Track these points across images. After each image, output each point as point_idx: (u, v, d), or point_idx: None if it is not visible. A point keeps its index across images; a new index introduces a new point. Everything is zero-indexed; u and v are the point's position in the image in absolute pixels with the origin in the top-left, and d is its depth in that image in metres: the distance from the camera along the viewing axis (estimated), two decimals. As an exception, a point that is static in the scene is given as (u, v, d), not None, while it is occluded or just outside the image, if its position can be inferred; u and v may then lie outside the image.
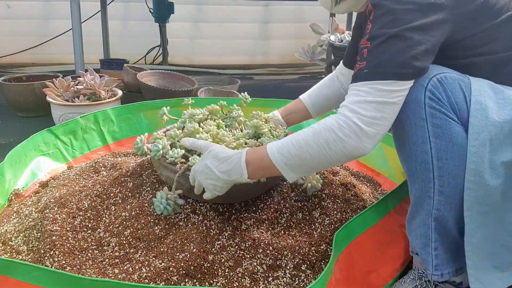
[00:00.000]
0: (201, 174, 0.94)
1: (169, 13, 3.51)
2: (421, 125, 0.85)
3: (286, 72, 4.05)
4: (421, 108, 0.85)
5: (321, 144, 0.83)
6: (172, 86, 2.43)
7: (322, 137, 0.83)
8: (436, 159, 0.86)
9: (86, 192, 1.20)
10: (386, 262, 1.04)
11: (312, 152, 0.85)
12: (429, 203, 0.90)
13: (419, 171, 0.89)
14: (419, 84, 0.85)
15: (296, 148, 0.86)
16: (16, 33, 3.65)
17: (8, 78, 2.29)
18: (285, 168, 0.88)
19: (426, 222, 0.91)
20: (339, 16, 3.63)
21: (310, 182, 1.15)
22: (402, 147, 0.92)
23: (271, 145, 0.89)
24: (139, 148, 1.14)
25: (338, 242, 0.95)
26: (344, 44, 2.32)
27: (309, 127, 0.87)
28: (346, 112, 0.83)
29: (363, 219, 1.03)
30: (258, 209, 1.13)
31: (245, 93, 1.41)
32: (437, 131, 0.85)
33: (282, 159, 0.87)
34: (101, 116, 1.66)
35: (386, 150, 1.50)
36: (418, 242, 0.95)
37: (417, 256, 0.99)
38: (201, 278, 0.94)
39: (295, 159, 0.86)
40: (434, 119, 0.84)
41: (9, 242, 1.07)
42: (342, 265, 0.94)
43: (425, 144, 0.86)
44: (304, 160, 0.86)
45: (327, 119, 0.86)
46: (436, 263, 0.93)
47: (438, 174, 0.86)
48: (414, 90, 0.85)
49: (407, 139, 0.88)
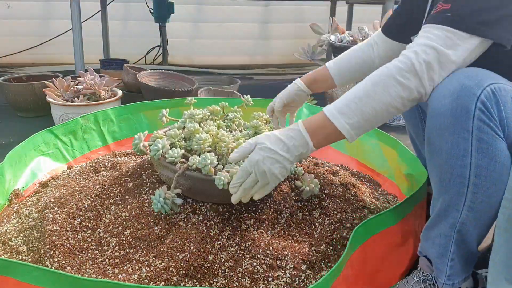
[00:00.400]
0: (265, 161, 0.86)
1: (169, 13, 3.51)
2: (465, 137, 0.79)
3: (286, 72, 4.05)
4: (469, 119, 0.77)
5: (381, 93, 0.79)
6: (172, 86, 2.43)
7: (382, 84, 0.80)
8: (474, 176, 0.80)
9: (86, 192, 1.20)
10: (394, 263, 1.04)
11: (374, 103, 0.81)
12: (455, 216, 0.86)
13: (452, 183, 0.83)
14: (471, 92, 0.77)
15: (357, 102, 0.82)
16: (16, 33, 3.65)
17: (8, 78, 2.29)
18: (347, 128, 0.83)
19: (448, 234, 0.89)
20: (339, 16, 3.63)
21: (308, 185, 1.15)
22: (436, 155, 0.85)
23: (328, 108, 0.85)
24: (136, 145, 1.14)
25: (355, 238, 0.94)
26: (344, 44, 2.32)
27: (367, 78, 0.84)
28: (408, 53, 0.80)
29: (383, 219, 1.02)
30: (258, 209, 1.13)
31: (247, 96, 1.40)
32: (481, 147, 0.78)
33: (344, 119, 0.83)
34: (101, 116, 1.66)
35: (384, 149, 1.50)
36: (434, 251, 0.93)
37: (424, 258, 0.98)
38: (201, 278, 0.94)
39: (357, 115, 0.82)
40: (480, 133, 0.78)
41: (9, 242, 1.07)
42: (354, 262, 0.94)
43: (465, 158, 0.80)
44: (366, 114, 0.82)
45: (387, 64, 0.82)
46: (450, 273, 0.91)
47: (473, 191, 0.81)
48: (464, 96, 0.77)
49: (445, 148, 0.82)
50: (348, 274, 0.91)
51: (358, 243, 0.96)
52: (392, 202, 1.34)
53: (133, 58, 3.83)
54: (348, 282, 0.91)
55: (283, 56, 4.20)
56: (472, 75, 0.79)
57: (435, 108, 0.82)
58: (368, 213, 1.22)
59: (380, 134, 1.53)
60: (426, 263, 0.97)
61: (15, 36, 3.65)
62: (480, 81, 0.78)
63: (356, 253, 0.95)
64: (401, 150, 1.41)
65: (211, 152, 1.07)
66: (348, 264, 0.91)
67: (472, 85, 0.77)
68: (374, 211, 1.24)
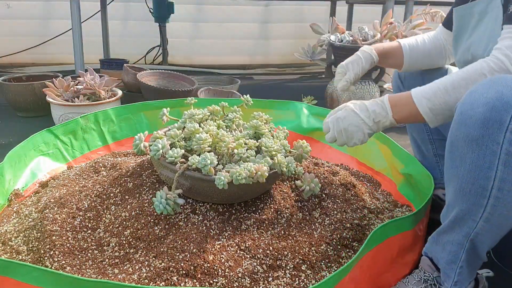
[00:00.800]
0: (345, 120, 0.94)
1: (169, 13, 3.51)
2: (493, 149, 0.76)
3: (286, 72, 4.05)
4: (501, 131, 0.74)
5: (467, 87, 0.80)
6: (172, 86, 2.43)
7: (472, 81, 0.80)
8: (497, 189, 0.78)
9: (86, 192, 1.20)
10: (400, 266, 1.04)
11: (460, 96, 0.81)
12: (470, 226, 0.85)
13: (472, 194, 0.81)
14: (508, 103, 0.73)
15: (443, 92, 0.84)
16: (16, 33, 3.65)
17: (8, 78, 2.29)
18: (429, 113, 0.87)
19: (461, 242, 0.88)
20: (339, 16, 3.63)
21: (308, 185, 1.14)
22: (459, 163, 0.82)
23: (415, 90, 0.89)
24: (136, 145, 1.14)
25: (372, 239, 0.94)
26: (344, 44, 2.31)
27: (457, 72, 0.85)
28: (499, 55, 0.80)
29: (402, 223, 1.02)
30: (258, 209, 1.13)
31: (247, 96, 1.40)
32: (509, 161, 0.76)
33: (427, 104, 0.86)
34: (102, 116, 1.66)
35: (381, 147, 1.51)
36: (444, 256, 0.92)
37: (427, 259, 0.98)
38: (201, 278, 0.94)
39: (441, 103, 0.85)
40: (511, 147, 0.75)
41: (9, 242, 1.07)
42: (364, 263, 0.93)
43: (490, 170, 0.78)
44: (450, 105, 0.84)
45: (477, 62, 0.83)
46: (457, 279, 0.91)
47: (493, 204, 0.80)
48: (500, 109, 0.74)
49: (470, 159, 0.79)
50: (356, 275, 0.91)
51: (373, 244, 0.96)
52: (393, 202, 1.34)
53: (133, 58, 3.83)
54: (355, 282, 0.91)
55: (283, 56, 4.20)
56: (511, 85, 0.76)
57: (466, 115, 0.79)
58: (368, 213, 1.22)
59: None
60: (428, 263, 0.97)
61: (15, 36, 3.65)
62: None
63: (369, 254, 0.95)
64: (393, 148, 1.41)
65: (211, 152, 1.07)
66: (358, 265, 0.91)
67: (510, 96, 0.74)
68: (374, 211, 1.24)
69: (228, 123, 1.28)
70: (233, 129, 1.27)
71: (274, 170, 1.07)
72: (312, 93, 2.53)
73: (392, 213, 1.26)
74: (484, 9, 1.01)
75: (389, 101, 0.94)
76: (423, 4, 2.88)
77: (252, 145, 1.12)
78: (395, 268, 1.03)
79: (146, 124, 1.75)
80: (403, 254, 1.05)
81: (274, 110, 1.80)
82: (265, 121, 1.28)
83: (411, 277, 0.99)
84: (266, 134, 1.19)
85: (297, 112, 1.79)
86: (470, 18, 1.07)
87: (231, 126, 1.28)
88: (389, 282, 1.01)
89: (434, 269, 0.96)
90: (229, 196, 1.07)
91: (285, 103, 1.83)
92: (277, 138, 1.20)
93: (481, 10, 1.02)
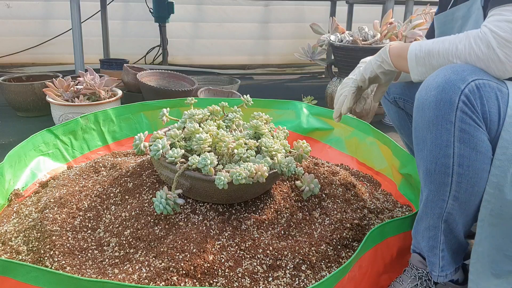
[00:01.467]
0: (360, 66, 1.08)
1: (169, 13, 3.51)
2: (447, 128, 0.83)
3: (286, 72, 4.05)
4: (452, 111, 0.82)
5: (453, 44, 0.86)
6: (172, 86, 2.43)
7: (458, 39, 0.86)
8: (458, 165, 0.84)
9: (86, 192, 1.20)
10: (400, 266, 1.04)
11: (441, 48, 0.88)
12: (441, 207, 0.88)
13: (437, 173, 0.86)
14: (455, 86, 0.81)
15: (431, 43, 0.90)
16: (16, 33, 3.65)
17: (8, 78, 2.29)
18: (413, 59, 0.92)
19: (437, 224, 0.91)
20: (339, 16, 3.63)
21: (308, 185, 1.15)
22: (422, 146, 0.89)
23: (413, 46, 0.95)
24: (136, 145, 1.14)
25: (370, 239, 0.95)
26: (344, 44, 2.31)
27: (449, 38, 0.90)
28: (484, 28, 0.84)
29: (400, 224, 1.03)
30: (258, 209, 1.13)
31: (247, 96, 1.40)
32: (463, 137, 0.82)
33: (415, 49, 0.92)
34: (102, 116, 1.66)
35: (381, 147, 1.51)
36: (425, 244, 0.95)
37: (417, 255, 0.99)
38: (201, 278, 0.94)
39: (425, 51, 0.90)
40: (463, 124, 0.81)
41: (9, 242, 1.07)
42: (363, 263, 0.94)
43: (448, 148, 0.83)
44: (431, 54, 0.89)
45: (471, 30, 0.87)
46: (442, 264, 0.93)
47: (457, 180, 0.84)
48: (448, 90, 0.82)
49: (430, 139, 0.86)
50: (355, 275, 0.91)
51: (371, 244, 0.96)
52: (392, 202, 1.34)
53: (133, 58, 3.83)
54: (355, 282, 0.91)
55: (283, 56, 4.20)
56: (458, 70, 0.83)
57: (421, 101, 0.86)
58: (368, 213, 1.22)
59: (376, 132, 1.54)
60: (418, 258, 0.98)
61: (15, 36, 3.65)
62: (465, 76, 0.82)
63: (368, 254, 0.95)
64: (394, 148, 1.41)
65: (211, 152, 1.07)
66: (357, 264, 0.91)
67: (458, 79, 0.82)
68: (374, 211, 1.24)
69: (228, 123, 1.28)
70: (233, 129, 1.27)
71: (274, 170, 1.08)
72: (312, 93, 2.53)
73: (392, 213, 1.26)
74: (466, 13, 1.04)
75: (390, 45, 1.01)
76: (423, 4, 2.88)
77: (252, 145, 1.12)
78: (395, 269, 1.03)
79: (146, 124, 1.75)
80: (403, 254, 1.05)
81: (274, 110, 1.80)
82: (265, 121, 1.28)
83: (404, 276, 0.99)
84: (266, 134, 1.19)
85: (297, 112, 1.79)
86: (453, 23, 1.10)
87: (231, 126, 1.28)
88: (389, 283, 1.01)
89: (426, 264, 0.97)
90: (229, 196, 1.07)
91: (285, 103, 1.83)
92: (277, 138, 1.20)
93: (464, 15, 1.05)
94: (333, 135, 1.71)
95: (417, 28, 2.32)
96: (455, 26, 1.09)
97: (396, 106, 1.33)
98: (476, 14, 1.00)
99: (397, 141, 1.44)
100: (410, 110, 1.29)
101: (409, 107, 1.28)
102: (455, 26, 1.09)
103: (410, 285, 0.97)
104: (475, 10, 1.01)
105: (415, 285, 0.97)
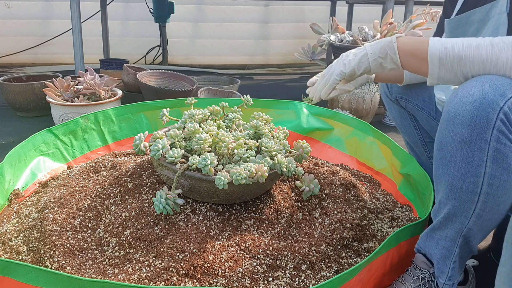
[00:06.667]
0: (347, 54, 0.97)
1: (169, 13, 3.51)
2: (482, 147, 0.77)
3: (286, 72, 4.05)
4: (488, 129, 0.76)
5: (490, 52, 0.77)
6: (172, 86, 2.43)
7: (497, 48, 0.77)
8: (487, 185, 0.80)
9: (86, 192, 1.20)
10: (404, 267, 1.04)
11: (476, 56, 0.79)
12: (463, 222, 0.86)
13: (463, 191, 0.83)
14: (494, 102, 0.75)
15: (464, 47, 0.80)
16: (16, 33, 3.65)
17: (8, 78, 2.29)
18: (435, 63, 0.82)
19: (454, 238, 0.90)
20: (339, 16, 3.63)
21: (308, 186, 1.15)
22: (449, 161, 0.84)
23: (433, 38, 0.85)
24: (136, 146, 1.14)
25: (386, 245, 0.94)
26: (344, 44, 2.31)
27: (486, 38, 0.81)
28: None
29: (412, 229, 1.03)
30: (258, 209, 1.13)
31: (247, 96, 1.40)
32: (497, 157, 0.78)
33: (441, 51, 0.81)
34: (102, 116, 1.66)
35: (381, 147, 1.51)
36: (437, 252, 0.94)
37: (421, 255, 0.98)
38: (201, 278, 0.94)
39: (453, 57, 0.81)
40: (498, 144, 0.77)
41: (9, 242, 1.07)
42: (373, 266, 0.93)
43: (479, 167, 0.79)
44: (462, 61, 0.80)
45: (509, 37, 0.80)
46: (451, 274, 0.93)
47: (484, 200, 0.81)
48: (486, 107, 0.75)
49: (460, 156, 0.81)
50: (364, 277, 0.91)
51: (386, 249, 0.96)
52: (392, 202, 1.34)
53: (133, 58, 3.83)
54: (362, 283, 0.91)
55: (283, 56, 4.20)
56: (497, 84, 0.77)
57: (453, 114, 0.80)
58: (368, 213, 1.22)
59: (375, 132, 1.54)
60: (422, 259, 0.98)
61: (15, 36, 3.65)
62: (505, 91, 0.76)
63: (379, 258, 0.95)
64: (394, 148, 1.41)
65: (211, 152, 1.07)
66: (367, 267, 0.91)
67: (496, 94, 0.75)
68: (374, 211, 1.24)
69: (228, 123, 1.28)
70: (233, 129, 1.27)
71: (274, 170, 1.08)
72: (312, 93, 2.52)
73: (392, 213, 1.26)
74: (484, 17, 0.99)
75: (398, 39, 0.90)
76: (423, 4, 2.88)
77: (252, 145, 1.11)
78: (399, 268, 1.03)
79: (146, 124, 1.75)
80: (409, 255, 1.05)
81: (274, 110, 1.80)
82: (265, 121, 1.28)
83: (407, 275, 0.99)
84: (266, 134, 1.19)
85: (297, 112, 1.79)
86: (467, 27, 1.05)
87: (231, 126, 1.28)
88: (391, 281, 1.01)
89: (430, 265, 0.97)
90: (229, 196, 1.07)
91: (285, 103, 1.83)
92: (277, 138, 1.20)
93: (481, 19, 1.01)
94: (333, 135, 1.71)
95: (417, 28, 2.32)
96: (470, 30, 1.04)
97: (398, 105, 1.32)
98: (497, 19, 0.95)
99: (397, 141, 1.44)
100: (412, 109, 1.28)
101: (410, 106, 1.28)
102: (470, 30, 1.04)
103: (413, 285, 0.96)
104: (494, 15, 0.96)
105: (418, 285, 0.96)
